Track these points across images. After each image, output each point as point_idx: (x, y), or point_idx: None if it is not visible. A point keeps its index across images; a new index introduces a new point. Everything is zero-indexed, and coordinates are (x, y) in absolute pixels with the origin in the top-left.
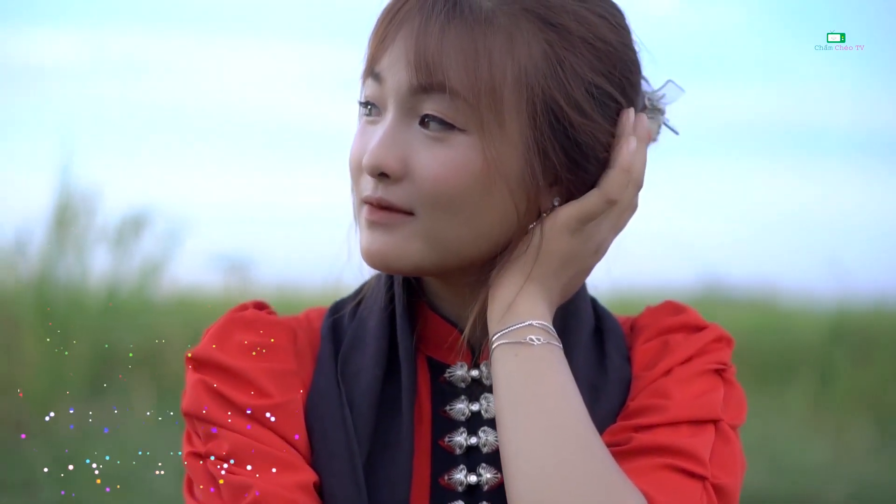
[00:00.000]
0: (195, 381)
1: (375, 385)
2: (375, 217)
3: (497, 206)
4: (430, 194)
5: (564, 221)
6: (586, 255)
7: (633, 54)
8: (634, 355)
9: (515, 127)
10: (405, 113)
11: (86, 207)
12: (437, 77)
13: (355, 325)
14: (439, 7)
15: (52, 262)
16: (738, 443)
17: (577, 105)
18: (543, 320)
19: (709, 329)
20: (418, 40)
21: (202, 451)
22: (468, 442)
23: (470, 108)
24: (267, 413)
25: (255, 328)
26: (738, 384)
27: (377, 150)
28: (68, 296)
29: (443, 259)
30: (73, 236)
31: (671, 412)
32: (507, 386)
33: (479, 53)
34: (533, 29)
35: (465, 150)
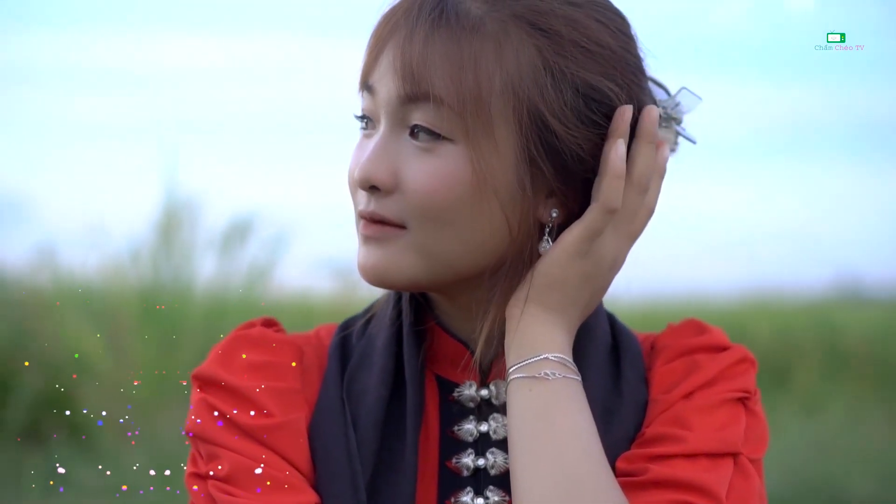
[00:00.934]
0: (198, 400)
1: (380, 404)
2: (369, 231)
3: (488, 218)
4: (419, 206)
5: (572, 245)
6: (602, 274)
7: (635, 59)
8: (653, 377)
9: (504, 136)
10: (396, 124)
11: (192, 214)
12: (422, 86)
13: (364, 343)
14: (425, 15)
15: (160, 268)
16: (756, 477)
17: (565, 115)
18: (560, 352)
19: (733, 350)
20: (404, 50)
21: (203, 471)
22: (476, 463)
23: (457, 116)
24: (268, 433)
25: (261, 346)
26: (761, 412)
27: (367, 164)
28: (176, 301)
29: (437, 273)
30: (179, 243)
31: (689, 443)
32: (519, 422)
33: (464, 61)
34: (522, 35)
35: (453, 160)
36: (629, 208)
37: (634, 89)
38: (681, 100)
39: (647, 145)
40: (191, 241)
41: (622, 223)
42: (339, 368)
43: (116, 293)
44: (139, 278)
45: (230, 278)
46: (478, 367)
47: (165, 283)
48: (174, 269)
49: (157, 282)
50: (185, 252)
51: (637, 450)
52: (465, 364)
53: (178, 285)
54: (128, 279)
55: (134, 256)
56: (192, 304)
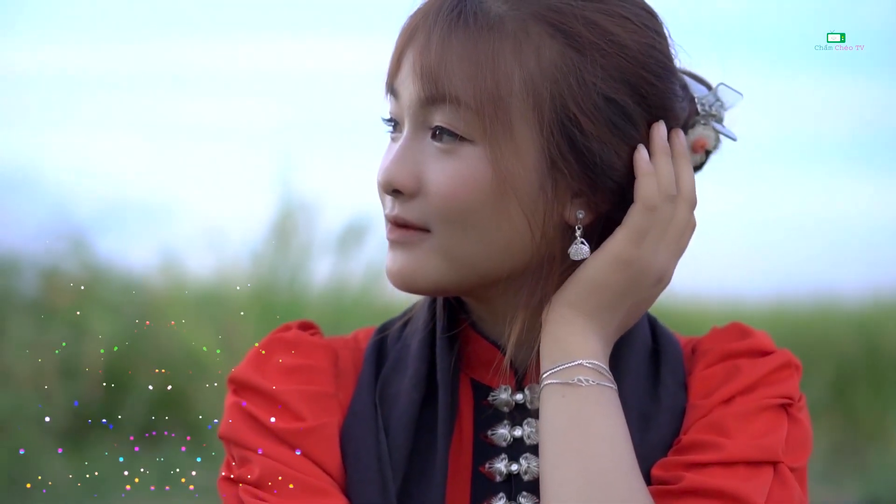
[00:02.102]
0: (231, 403)
1: (413, 408)
2: (394, 235)
3: (510, 220)
4: (441, 208)
5: (616, 250)
6: (646, 286)
7: (660, 57)
8: (692, 382)
9: (525, 136)
10: (418, 127)
11: (308, 216)
12: (440, 87)
13: (399, 347)
14: (443, 17)
15: (277, 270)
16: (796, 486)
17: (587, 113)
18: (596, 359)
19: (776, 355)
20: (423, 52)
21: (235, 476)
22: (509, 469)
23: (476, 116)
24: (299, 437)
25: (296, 349)
26: (804, 419)
27: (390, 167)
28: (293, 303)
29: (462, 276)
30: (296, 245)
31: (727, 451)
32: (551, 428)
33: (482, 60)
34: (542, 34)
35: (474, 162)
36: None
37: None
38: (720, 96)
39: (663, 156)
40: (307, 243)
41: (670, 236)
42: (373, 372)
43: (233, 295)
44: (256, 281)
45: (346, 280)
46: (512, 370)
47: (282, 285)
48: (291, 271)
49: (274, 284)
50: (302, 254)
51: (673, 457)
52: (496, 365)
53: (295, 287)
54: (245, 281)
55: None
56: (308, 306)
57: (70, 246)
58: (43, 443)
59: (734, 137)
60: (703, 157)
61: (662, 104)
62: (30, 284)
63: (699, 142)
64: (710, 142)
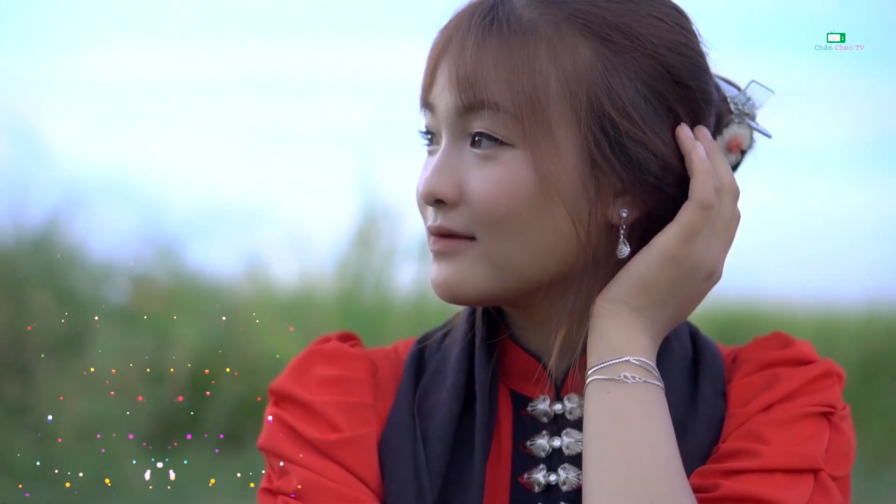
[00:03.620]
0: (271, 415)
1: (450, 419)
2: (438, 246)
3: (555, 222)
4: (485, 215)
5: (667, 247)
6: (697, 281)
7: (693, 55)
8: (731, 390)
9: (565, 137)
10: (457, 136)
11: (391, 222)
12: (478, 94)
13: (438, 358)
14: (476, 26)
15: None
16: (837, 495)
17: (626, 112)
18: (643, 356)
19: (817, 363)
20: (457, 61)
21: (274, 487)
22: (547, 479)
23: (515, 121)
24: (337, 448)
25: (335, 361)
26: (846, 428)
27: (431, 178)
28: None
29: (508, 282)
30: (379, 251)
31: (766, 459)
32: (595, 425)
33: (519, 65)
34: (577, 36)
35: (515, 166)
36: (725, 212)
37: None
38: (751, 94)
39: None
40: (391, 248)
41: (719, 229)
42: (412, 383)
43: (318, 302)
44: (340, 287)
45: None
46: (551, 380)
47: (366, 291)
48: (374, 277)
49: (358, 290)
50: (386, 260)
51: (711, 465)
52: (538, 377)
53: (378, 293)
54: (328, 288)
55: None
56: (392, 312)
57: (159, 253)
58: (129, 447)
59: (769, 134)
60: (738, 157)
61: (698, 101)
62: (119, 291)
63: (735, 141)
64: (745, 141)
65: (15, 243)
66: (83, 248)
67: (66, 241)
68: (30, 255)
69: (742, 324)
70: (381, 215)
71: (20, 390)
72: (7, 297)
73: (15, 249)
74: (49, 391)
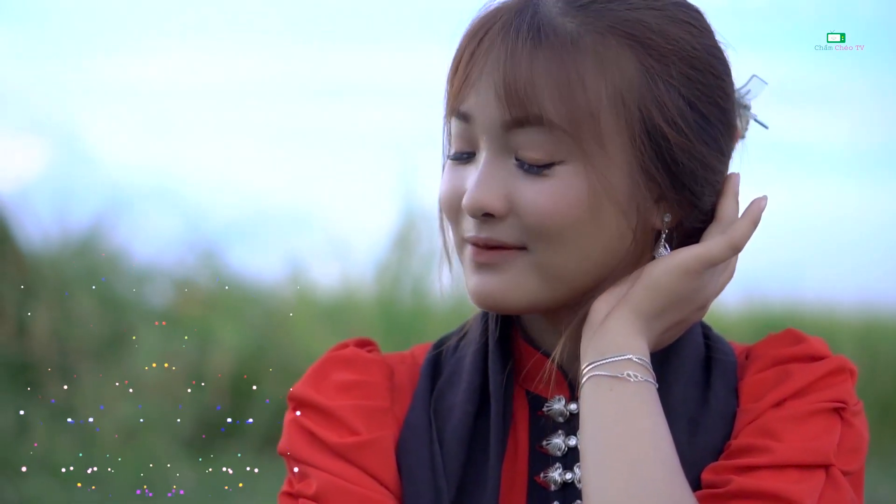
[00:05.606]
0: (290, 420)
1: (466, 421)
2: (485, 258)
3: (609, 229)
4: (539, 228)
5: (684, 262)
6: (693, 307)
7: (721, 56)
8: (743, 387)
9: (617, 148)
10: (499, 149)
11: (431, 225)
12: (531, 109)
13: (454, 361)
14: (524, 35)
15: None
16: (849, 490)
17: (675, 122)
18: (643, 355)
19: (829, 359)
20: (506, 72)
21: (294, 490)
22: (563, 478)
23: (569, 137)
24: (355, 451)
25: (352, 366)
26: (859, 424)
27: (478, 192)
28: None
29: (555, 291)
30: (418, 255)
31: (778, 454)
32: (595, 422)
33: (572, 80)
34: (621, 47)
35: (569, 180)
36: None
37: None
38: (750, 87)
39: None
40: (430, 253)
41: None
42: (428, 386)
43: (358, 305)
44: (380, 290)
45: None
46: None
47: (405, 295)
48: (414, 281)
49: (397, 294)
50: (425, 264)
51: (723, 461)
52: (550, 376)
53: (418, 297)
54: (368, 291)
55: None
56: (431, 315)
57: (201, 257)
58: (171, 450)
59: (766, 126)
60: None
61: (730, 101)
62: (162, 295)
63: (736, 133)
64: (742, 131)
65: (60, 247)
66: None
67: (110, 245)
68: (74, 259)
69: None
70: (421, 219)
71: (64, 393)
72: (52, 301)
73: (60, 253)
74: (92, 394)
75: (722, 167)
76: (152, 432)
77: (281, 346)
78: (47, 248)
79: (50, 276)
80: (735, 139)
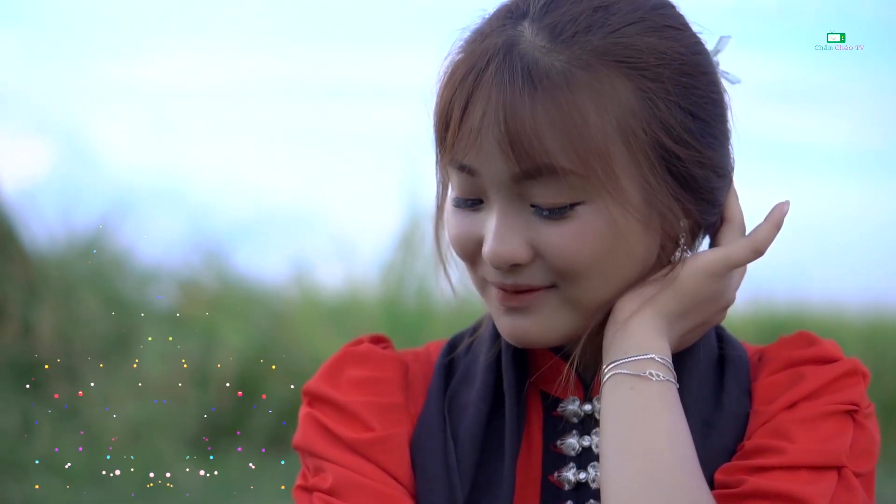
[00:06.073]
0: (305, 415)
1: (481, 419)
2: (515, 302)
3: (635, 252)
4: (567, 268)
5: (709, 264)
6: (715, 308)
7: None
8: (756, 388)
9: (631, 177)
10: (512, 199)
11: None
12: (541, 160)
13: (468, 359)
14: (518, 82)
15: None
16: (860, 491)
17: (682, 139)
18: (665, 355)
19: (842, 362)
20: (509, 125)
21: (309, 485)
22: (577, 477)
23: (582, 179)
24: (369, 447)
25: (367, 362)
26: (871, 426)
27: (500, 245)
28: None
29: (588, 318)
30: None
31: (790, 455)
32: (616, 420)
33: (576, 122)
34: (613, 75)
35: (590, 219)
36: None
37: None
38: (718, 46)
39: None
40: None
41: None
42: (442, 384)
43: (363, 306)
44: (384, 291)
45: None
46: (580, 381)
47: (409, 296)
48: (418, 281)
49: (402, 295)
50: (429, 265)
51: (736, 461)
52: (566, 378)
53: (422, 298)
54: (373, 292)
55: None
56: (435, 316)
57: (206, 257)
58: (176, 450)
59: (738, 80)
60: None
61: (720, 89)
62: (167, 295)
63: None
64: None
65: (65, 248)
66: (131, 253)
67: (115, 245)
68: (79, 259)
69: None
70: (426, 219)
71: (69, 393)
72: (57, 301)
73: (65, 254)
74: (97, 394)
75: (728, 159)
76: (157, 432)
77: (285, 347)
78: (52, 248)
79: (55, 276)
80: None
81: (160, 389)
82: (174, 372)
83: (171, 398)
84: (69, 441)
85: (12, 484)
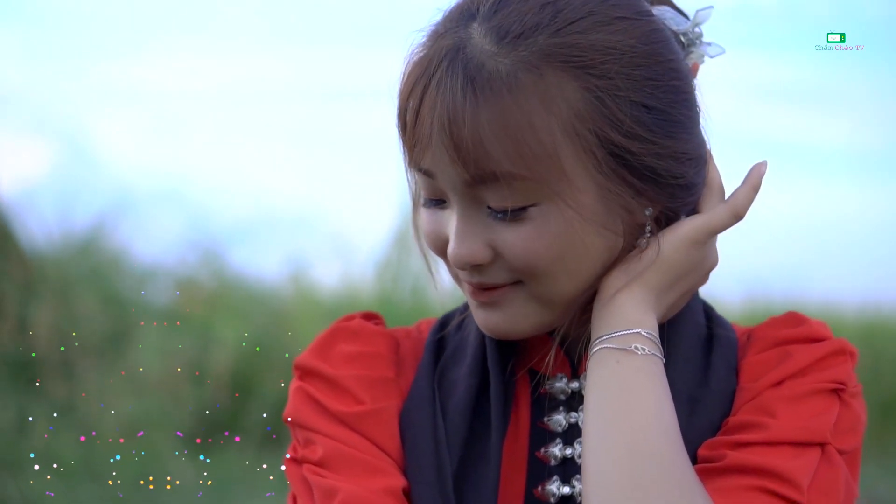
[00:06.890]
0: (296, 388)
1: (470, 395)
2: (484, 298)
3: (597, 246)
4: (526, 267)
5: (690, 233)
6: (699, 275)
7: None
8: (744, 366)
9: (583, 176)
10: (469, 202)
11: None
12: (487, 167)
13: (459, 337)
14: (461, 87)
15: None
16: (843, 468)
17: (634, 133)
18: (652, 330)
19: (830, 341)
20: (454, 134)
21: (299, 456)
22: (563, 453)
23: (533, 182)
24: (359, 420)
25: (358, 338)
26: (856, 405)
27: (460, 247)
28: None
29: (558, 312)
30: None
31: (773, 431)
32: (601, 393)
33: (521, 126)
34: (559, 76)
35: (543, 220)
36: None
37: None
38: (699, 19)
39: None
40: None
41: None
42: (432, 360)
43: (359, 304)
44: (380, 289)
45: None
46: (567, 359)
47: (404, 294)
48: (413, 279)
49: (397, 293)
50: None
51: (720, 437)
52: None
53: (417, 296)
54: (370, 290)
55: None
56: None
57: (203, 256)
58: (173, 447)
59: (722, 51)
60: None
61: (683, 76)
62: (164, 294)
63: (694, 66)
64: (700, 59)
65: (63, 246)
66: (129, 252)
67: (113, 244)
68: (77, 258)
69: None
70: None
71: (66, 390)
72: (54, 299)
73: (63, 252)
74: (94, 392)
75: (694, 141)
76: (154, 430)
77: (282, 345)
78: (50, 247)
79: (53, 275)
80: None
81: (157, 387)
82: (171, 370)
83: (168, 396)
84: (66, 438)
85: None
